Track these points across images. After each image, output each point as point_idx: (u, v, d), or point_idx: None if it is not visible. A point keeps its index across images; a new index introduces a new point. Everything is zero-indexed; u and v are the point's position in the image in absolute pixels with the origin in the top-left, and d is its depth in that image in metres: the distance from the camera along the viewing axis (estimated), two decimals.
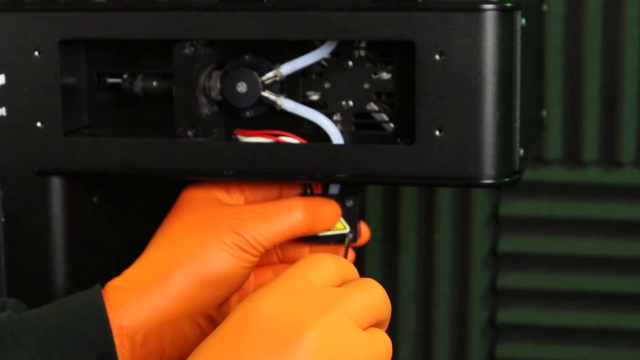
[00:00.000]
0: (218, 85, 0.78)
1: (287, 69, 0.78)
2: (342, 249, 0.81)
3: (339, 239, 0.81)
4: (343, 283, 0.64)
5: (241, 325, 0.60)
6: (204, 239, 0.76)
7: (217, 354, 0.60)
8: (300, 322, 0.60)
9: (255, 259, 0.76)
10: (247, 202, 0.80)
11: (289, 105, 0.78)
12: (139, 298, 0.73)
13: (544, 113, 1.01)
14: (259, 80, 0.77)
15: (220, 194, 0.79)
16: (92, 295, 0.72)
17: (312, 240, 0.81)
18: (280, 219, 0.77)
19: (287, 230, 0.77)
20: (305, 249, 0.82)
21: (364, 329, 0.62)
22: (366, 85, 0.78)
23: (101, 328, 0.70)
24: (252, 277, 0.81)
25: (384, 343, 0.63)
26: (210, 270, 0.75)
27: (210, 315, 0.76)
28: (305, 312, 0.60)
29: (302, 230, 0.78)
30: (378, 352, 0.62)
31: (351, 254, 0.82)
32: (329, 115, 0.78)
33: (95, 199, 0.84)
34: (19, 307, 0.73)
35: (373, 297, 0.64)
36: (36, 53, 0.79)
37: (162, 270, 0.75)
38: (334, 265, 0.64)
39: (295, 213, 0.78)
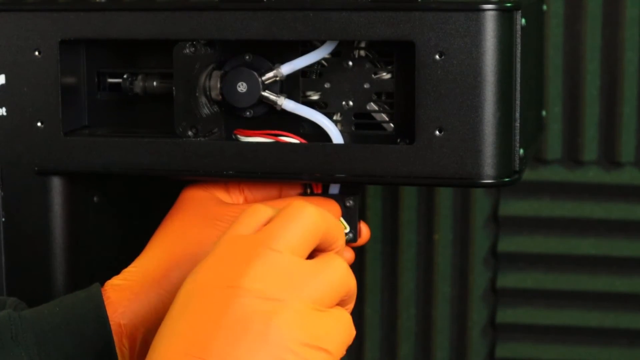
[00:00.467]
0: (218, 85, 0.78)
1: (287, 69, 0.78)
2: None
3: None
4: (320, 244, 0.65)
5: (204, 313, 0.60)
6: (203, 237, 0.76)
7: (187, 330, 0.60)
8: (272, 298, 0.60)
9: None
10: (247, 202, 0.80)
11: (289, 105, 0.78)
12: (138, 296, 0.73)
13: (544, 113, 1.01)
14: (259, 80, 0.77)
15: (220, 194, 0.80)
16: (91, 293, 0.72)
17: None
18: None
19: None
20: None
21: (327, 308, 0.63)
22: (366, 85, 0.78)
23: (100, 326, 0.70)
24: None
25: (345, 321, 0.64)
26: None
27: None
28: (279, 288, 0.60)
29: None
30: (340, 331, 0.63)
31: (350, 254, 0.82)
32: (329, 115, 0.78)
33: (95, 198, 0.84)
34: (18, 305, 0.73)
35: (336, 275, 0.64)
36: (36, 53, 0.79)
37: (161, 269, 0.75)
38: (302, 231, 0.64)
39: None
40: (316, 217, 0.65)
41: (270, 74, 0.78)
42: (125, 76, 0.82)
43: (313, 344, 0.60)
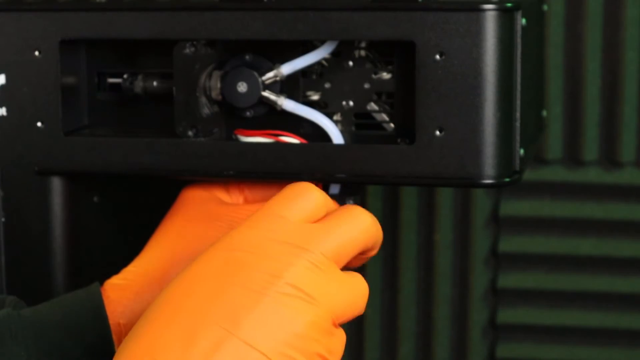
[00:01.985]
0: (218, 85, 0.78)
1: (287, 69, 0.78)
2: None
3: None
4: (327, 213, 0.65)
5: (214, 267, 0.61)
6: (203, 237, 0.76)
7: (183, 291, 0.60)
8: (272, 270, 0.60)
9: None
10: (247, 202, 0.80)
11: (289, 105, 0.78)
12: (137, 296, 0.73)
13: (544, 113, 1.01)
14: (260, 80, 0.77)
15: (220, 194, 0.79)
16: (90, 293, 0.72)
17: None
18: None
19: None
20: None
21: (344, 266, 0.63)
22: (366, 85, 0.78)
23: (100, 326, 0.70)
24: None
25: (360, 286, 0.64)
26: None
27: None
28: (277, 258, 0.61)
29: None
30: (354, 296, 0.63)
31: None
32: (329, 115, 0.78)
33: (95, 198, 0.84)
34: (18, 304, 0.73)
35: (357, 227, 0.65)
36: (36, 53, 0.79)
37: (161, 269, 0.75)
38: (314, 197, 0.65)
39: None
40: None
41: (271, 74, 0.77)
42: (125, 76, 0.82)
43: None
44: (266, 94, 0.77)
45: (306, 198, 0.66)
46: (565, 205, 1.07)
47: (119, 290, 0.73)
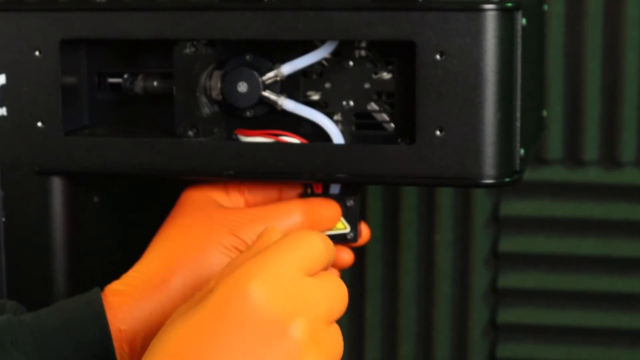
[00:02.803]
0: (219, 85, 0.78)
1: (287, 68, 0.78)
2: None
3: (339, 239, 0.81)
4: (327, 266, 0.64)
5: (226, 308, 0.59)
6: (203, 242, 0.76)
7: (195, 333, 0.59)
8: (288, 314, 0.59)
9: None
10: (247, 204, 0.80)
11: (289, 105, 0.78)
12: (138, 301, 0.73)
13: (545, 113, 1.01)
14: (260, 80, 0.77)
15: (220, 197, 0.79)
16: (91, 298, 0.72)
17: None
18: (279, 221, 0.77)
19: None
20: None
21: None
22: (367, 85, 0.78)
23: (100, 331, 0.70)
24: None
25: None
26: (210, 273, 0.74)
27: None
28: (294, 304, 0.60)
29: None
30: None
31: (349, 256, 0.82)
32: (330, 115, 0.78)
33: (95, 198, 0.84)
34: (18, 309, 0.73)
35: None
36: (37, 53, 0.79)
37: (161, 274, 0.75)
38: (323, 250, 0.63)
39: (294, 215, 0.78)
40: (322, 250, 0.64)
41: (271, 74, 0.78)
42: (125, 76, 0.82)
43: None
44: (266, 93, 0.77)
45: (316, 249, 0.64)
46: (566, 205, 1.07)
47: (119, 296, 0.73)
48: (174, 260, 0.75)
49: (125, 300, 0.73)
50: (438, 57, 0.73)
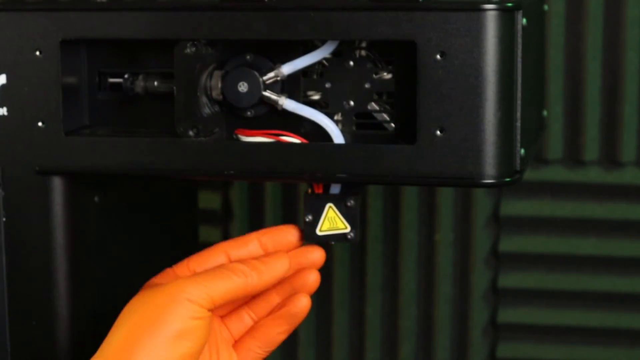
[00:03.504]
0: (219, 85, 0.78)
1: (288, 68, 0.78)
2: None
3: (339, 238, 0.81)
4: None
5: None
6: (161, 303, 0.74)
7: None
8: None
9: (205, 311, 0.74)
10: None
11: (290, 105, 0.78)
12: None
13: (545, 113, 1.01)
14: (260, 80, 0.77)
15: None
16: None
17: (313, 240, 0.81)
18: (219, 280, 0.76)
19: (231, 290, 0.76)
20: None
21: None
22: (367, 85, 0.78)
23: None
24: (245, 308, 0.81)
25: None
26: (170, 328, 0.73)
27: None
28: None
29: (247, 290, 0.77)
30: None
31: (319, 254, 0.81)
32: (330, 115, 0.78)
33: (96, 198, 0.84)
34: None
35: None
36: (37, 53, 0.79)
37: (126, 346, 0.73)
38: None
39: (235, 277, 0.76)
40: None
41: (271, 74, 0.78)
42: (126, 76, 0.82)
43: None
44: (267, 93, 0.77)
45: None
46: (566, 205, 1.07)
47: None
48: (135, 330, 0.73)
49: None
50: (438, 57, 0.73)
